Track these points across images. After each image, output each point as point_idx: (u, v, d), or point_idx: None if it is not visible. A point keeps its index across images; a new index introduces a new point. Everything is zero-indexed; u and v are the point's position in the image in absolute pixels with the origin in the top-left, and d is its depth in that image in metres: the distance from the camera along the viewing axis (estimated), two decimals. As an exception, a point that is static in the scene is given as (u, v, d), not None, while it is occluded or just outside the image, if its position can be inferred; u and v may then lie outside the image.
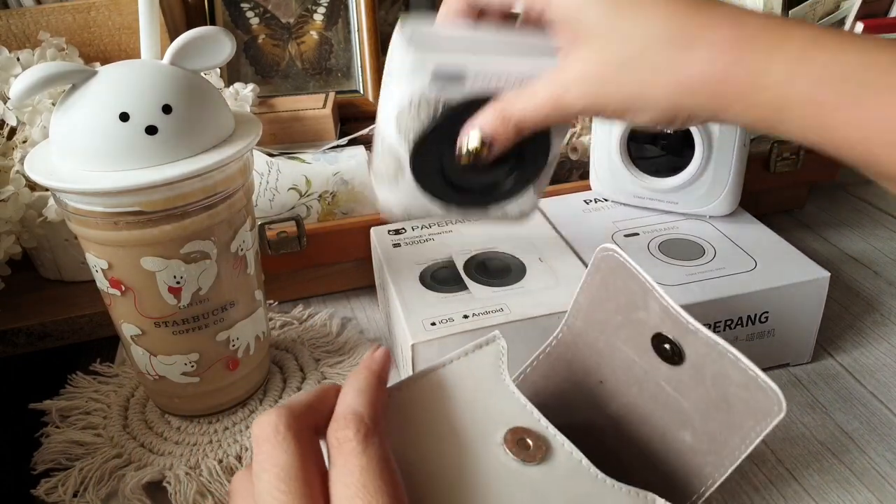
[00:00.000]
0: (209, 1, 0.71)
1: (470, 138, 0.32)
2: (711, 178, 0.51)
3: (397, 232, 0.52)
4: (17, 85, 0.34)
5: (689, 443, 0.30)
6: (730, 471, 0.29)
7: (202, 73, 0.38)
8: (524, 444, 0.27)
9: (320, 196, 0.57)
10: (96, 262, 0.38)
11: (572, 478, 0.26)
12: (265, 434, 0.24)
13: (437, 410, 0.28)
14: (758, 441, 0.29)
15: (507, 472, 0.26)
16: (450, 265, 0.47)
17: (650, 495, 0.27)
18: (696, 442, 0.30)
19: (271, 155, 0.59)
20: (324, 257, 0.55)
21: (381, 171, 0.35)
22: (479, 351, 0.30)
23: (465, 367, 0.29)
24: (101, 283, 0.39)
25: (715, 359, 0.29)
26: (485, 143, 0.32)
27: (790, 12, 0.67)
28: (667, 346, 0.31)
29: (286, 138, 0.63)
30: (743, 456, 0.29)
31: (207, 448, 0.42)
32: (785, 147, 0.61)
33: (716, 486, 0.30)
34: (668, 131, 0.51)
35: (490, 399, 0.28)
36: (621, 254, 0.33)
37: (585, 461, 0.27)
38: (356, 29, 0.71)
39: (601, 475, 0.27)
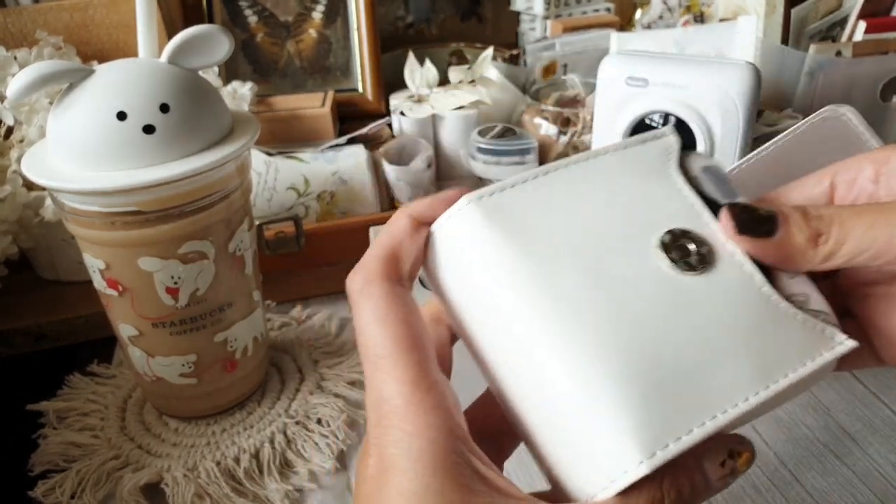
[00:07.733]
0: (207, -1, 0.70)
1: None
2: (713, 177, 0.50)
3: (397, 232, 0.52)
4: (14, 84, 0.33)
5: None
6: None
7: (200, 72, 0.38)
8: (683, 249, 0.23)
9: (319, 195, 0.57)
10: (93, 263, 0.38)
11: (735, 295, 0.22)
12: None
13: (586, 201, 0.24)
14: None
15: (655, 278, 0.22)
16: (450, 265, 0.47)
17: (829, 329, 0.22)
18: None
19: (269, 154, 0.58)
20: (322, 257, 0.55)
21: None
22: (641, 146, 0.25)
23: (622, 160, 0.25)
24: (99, 283, 0.39)
25: None
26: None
27: (793, 11, 0.67)
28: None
29: (284, 137, 0.63)
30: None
31: (205, 450, 0.42)
32: (786, 146, 0.61)
33: None
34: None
35: (651, 196, 0.24)
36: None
37: (759, 276, 0.23)
38: (355, 27, 0.71)
39: (775, 296, 0.22)
